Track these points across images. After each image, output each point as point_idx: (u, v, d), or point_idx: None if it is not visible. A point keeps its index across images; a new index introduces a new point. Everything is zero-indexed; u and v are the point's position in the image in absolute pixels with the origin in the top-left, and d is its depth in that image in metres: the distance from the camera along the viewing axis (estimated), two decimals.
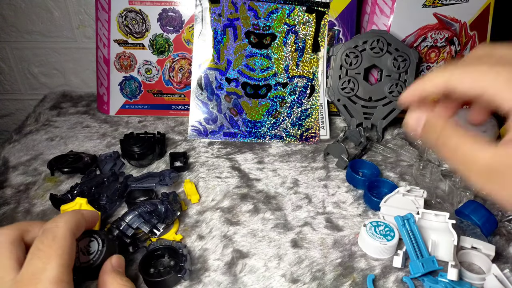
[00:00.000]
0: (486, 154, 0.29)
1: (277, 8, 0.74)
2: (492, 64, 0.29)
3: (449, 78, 0.31)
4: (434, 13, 0.75)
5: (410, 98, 0.34)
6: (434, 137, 0.32)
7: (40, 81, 0.99)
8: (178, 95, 0.82)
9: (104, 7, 0.77)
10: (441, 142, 0.32)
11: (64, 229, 0.37)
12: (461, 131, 0.31)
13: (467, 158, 0.30)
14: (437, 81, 0.32)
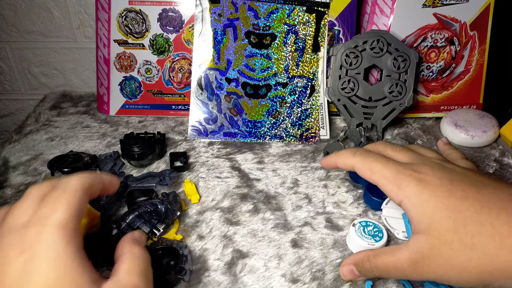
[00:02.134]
0: (405, 255, 0.35)
1: (277, 8, 0.74)
2: (382, 163, 0.39)
3: (354, 164, 0.41)
4: (434, 13, 0.75)
5: (327, 165, 0.47)
6: (370, 272, 0.40)
7: (40, 81, 0.99)
8: (178, 95, 0.82)
9: (104, 7, 0.77)
10: (376, 271, 0.39)
11: (76, 183, 0.36)
12: (380, 252, 0.39)
13: (396, 267, 0.36)
14: (346, 161, 0.42)
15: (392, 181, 0.37)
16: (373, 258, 0.39)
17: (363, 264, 0.40)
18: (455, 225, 0.32)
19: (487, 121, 0.75)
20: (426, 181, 0.36)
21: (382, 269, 0.38)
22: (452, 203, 0.33)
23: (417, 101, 0.81)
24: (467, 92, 0.81)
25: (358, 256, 0.41)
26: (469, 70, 0.80)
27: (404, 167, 0.38)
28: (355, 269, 0.42)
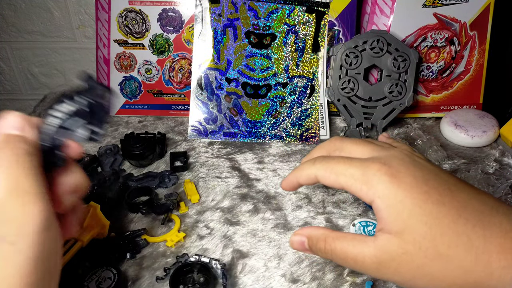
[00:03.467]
0: (370, 251, 0.32)
1: (277, 8, 0.74)
2: (345, 162, 0.35)
3: (316, 173, 0.36)
4: (434, 13, 0.75)
5: (289, 186, 0.40)
6: (323, 253, 0.35)
7: (40, 81, 0.99)
8: (178, 95, 0.82)
9: (104, 7, 0.77)
10: (330, 255, 0.35)
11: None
12: (341, 236, 0.34)
13: (357, 259, 0.33)
14: (308, 172, 0.37)
15: (361, 180, 0.33)
16: (332, 240, 0.34)
17: (317, 243, 0.35)
18: (432, 232, 0.30)
19: (487, 121, 0.75)
20: (399, 178, 0.32)
21: (339, 256, 0.34)
22: (429, 208, 0.31)
23: (417, 101, 0.81)
24: (467, 92, 0.81)
25: (315, 232, 0.36)
26: (469, 70, 0.80)
27: (371, 161, 0.34)
28: (307, 243, 0.37)
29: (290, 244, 0.38)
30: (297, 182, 0.39)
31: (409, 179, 0.32)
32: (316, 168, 0.36)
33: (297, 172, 0.38)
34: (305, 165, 0.37)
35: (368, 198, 0.33)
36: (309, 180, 0.37)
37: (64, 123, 0.32)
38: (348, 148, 0.38)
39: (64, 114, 0.32)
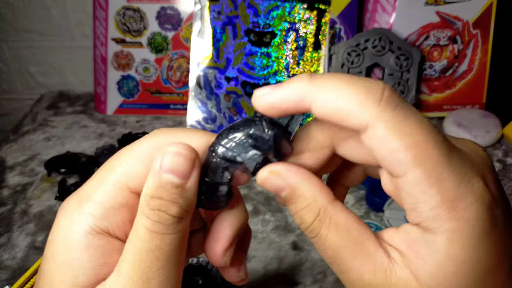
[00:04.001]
0: (367, 273, 0.21)
1: (277, 5, 0.73)
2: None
3: (311, 93, 0.21)
4: (436, 11, 0.74)
5: (266, 107, 0.22)
6: (304, 228, 0.23)
7: (37, 80, 0.99)
8: (176, 94, 0.81)
9: (102, 5, 0.77)
10: (315, 241, 0.22)
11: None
12: (345, 227, 0.22)
13: (350, 274, 0.21)
14: (300, 90, 0.21)
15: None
16: (328, 224, 0.21)
17: (304, 210, 0.22)
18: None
19: (490, 121, 0.74)
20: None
21: (327, 255, 0.22)
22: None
23: (420, 100, 0.80)
24: (470, 92, 0.80)
25: (306, 186, 0.22)
26: (472, 69, 0.79)
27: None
28: (286, 194, 0.23)
29: (259, 180, 0.24)
30: (277, 104, 0.22)
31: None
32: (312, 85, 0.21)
33: (281, 89, 0.22)
34: (293, 81, 0.22)
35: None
36: (297, 103, 0.21)
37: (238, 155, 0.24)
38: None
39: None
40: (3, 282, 0.48)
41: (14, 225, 0.56)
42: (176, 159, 0.22)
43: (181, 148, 0.22)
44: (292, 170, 0.23)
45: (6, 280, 0.49)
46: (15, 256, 0.52)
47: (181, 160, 0.22)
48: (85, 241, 0.22)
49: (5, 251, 0.53)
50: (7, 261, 0.51)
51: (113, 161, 0.24)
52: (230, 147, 0.23)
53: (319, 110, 0.21)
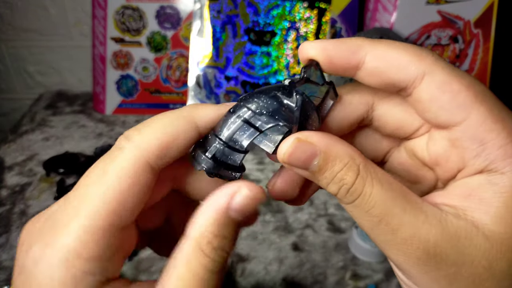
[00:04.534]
0: (422, 226, 0.19)
1: (277, 4, 0.73)
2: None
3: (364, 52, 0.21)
4: (438, 11, 0.74)
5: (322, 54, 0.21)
6: (342, 195, 0.20)
7: (36, 80, 0.98)
8: (175, 93, 0.80)
9: (100, 4, 0.76)
10: (355, 204, 0.20)
11: (130, 155, 0.20)
12: (392, 188, 0.20)
13: (408, 242, 0.19)
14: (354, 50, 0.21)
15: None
16: (371, 181, 0.20)
17: (342, 170, 0.20)
18: None
19: None
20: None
21: (372, 220, 0.19)
22: None
23: None
24: None
25: (342, 147, 0.20)
26: (473, 68, 0.79)
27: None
28: (319, 161, 0.20)
29: (284, 152, 0.20)
30: (330, 51, 0.21)
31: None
32: (368, 41, 0.21)
33: (334, 40, 0.21)
34: (349, 38, 0.22)
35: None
36: (351, 54, 0.21)
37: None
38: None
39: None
40: (2, 282, 0.48)
41: (13, 225, 0.56)
42: (249, 202, 0.20)
43: (257, 192, 0.20)
44: (319, 135, 0.20)
45: (4, 280, 0.48)
46: (13, 256, 0.51)
47: (253, 204, 0.20)
48: None
49: (4, 252, 0.52)
50: (5, 262, 0.51)
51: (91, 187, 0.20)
52: (254, 111, 0.21)
53: (374, 62, 0.20)
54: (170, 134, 0.21)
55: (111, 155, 0.21)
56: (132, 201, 0.20)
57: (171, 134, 0.21)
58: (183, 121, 0.22)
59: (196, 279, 0.19)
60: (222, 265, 0.20)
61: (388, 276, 0.49)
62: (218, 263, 0.20)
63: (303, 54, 0.22)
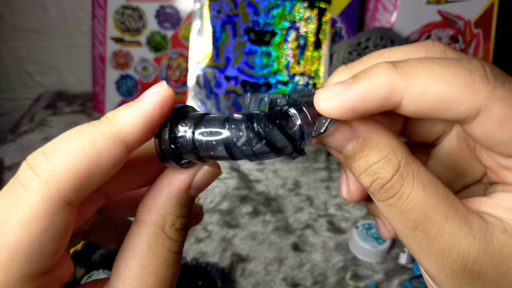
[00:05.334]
0: (464, 238, 0.17)
1: (277, 4, 0.72)
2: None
3: (399, 83, 0.17)
4: (438, 10, 0.74)
5: (341, 111, 0.18)
6: (377, 192, 0.18)
7: (35, 80, 0.98)
8: (175, 93, 0.80)
9: (100, 4, 0.76)
10: (388, 204, 0.18)
11: (38, 195, 0.16)
12: (436, 191, 0.17)
13: (445, 255, 0.17)
14: (385, 83, 0.17)
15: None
16: (410, 182, 0.17)
17: (380, 164, 0.18)
18: None
19: None
20: None
21: (408, 224, 0.17)
22: None
23: None
24: None
25: (383, 137, 0.18)
26: None
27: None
28: (355, 147, 0.18)
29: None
30: (357, 105, 0.17)
31: None
32: (400, 75, 0.17)
33: (359, 86, 0.17)
34: (375, 72, 0.17)
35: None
36: (384, 102, 0.17)
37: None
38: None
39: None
40: None
41: None
42: (210, 179, 0.20)
43: (218, 167, 0.20)
44: (362, 118, 0.18)
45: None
46: None
47: (213, 180, 0.20)
48: None
49: None
50: None
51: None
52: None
53: (414, 105, 0.17)
54: (88, 161, 0.17)
55: (14, 194, 0.17)
56: (50, 244, 0.17)
57: (89, 161, 0.17)
58: (104, 141, 0.17)
59: (163, 263, 0.19)
60: (183, 244, 0.20)
61: (389, 276, 0.49)
62: (180, 243, 0.20)
63: (323, 111, 0.18)
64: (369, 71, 0.17)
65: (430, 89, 0.16)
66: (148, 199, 0.19)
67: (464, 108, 0.16)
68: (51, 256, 0.17)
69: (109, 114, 0.18)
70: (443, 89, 0.16)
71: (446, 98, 0.16)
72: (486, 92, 0.16)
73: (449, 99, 0.16)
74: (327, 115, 0.18)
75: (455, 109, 0.16)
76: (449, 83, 0.16)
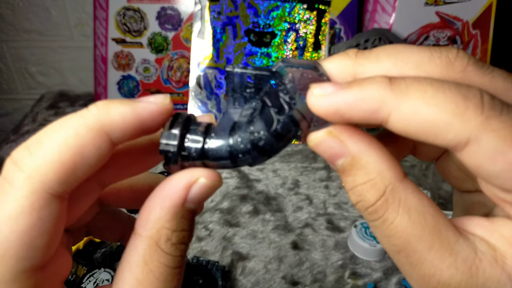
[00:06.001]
0: (446, 269, 0.17)
1: (277, 6, 0.73)
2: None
3: (391, 101, 0.17)
4: (436, 12, 0.74)
5: (331, 113, 0.17)
6: (363, 210, 0.18)
7: (37, 80, 0.98)
8: (176, 94, 0.81)
9: (102, 6, 0.76)
10: (376, 226, 0.18)
11: (23, 191, 0.16)
12: (420, 212, 0.17)
13: (422, 269, 0.17)
14: (376, 97, 0.17)
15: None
16: (396, 207, 0.17)
17: (364, 186, 0.18)
18: None
19: None
20: None
21: (392, 248, 0.18)
22: None
23: None
24: None
25: (372, 157, 0.18)
26: None
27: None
28: (344, 164, 0.18)
29: (312, 141, 0.18)
30: (343, 110, 0.17)
31: None
32: (394, 92, 0.16)
33: (351, 91, 0.17)
34: (369, 84, 0.17)
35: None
36: (370, 114, 0.17)
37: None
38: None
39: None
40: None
41: None
42: (208, 191, 0.19)
43: (215, 180, 0.19)
44: (355, 134, 0.18)
45: None
46: None
47: (212, 192, 0.19)
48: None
49: None
50: None
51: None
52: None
53: (400, 124, 0.16)
54: (72, 152, 0.17)
55: (1, 191, 0.16)
56: (41, 239, 0.16)
57: (73, 152, 0.17)
58: (89, 132, 0.17)
59: (159, 279, 0.18)
60: (183, 258, 0.19)
61: (387, 274, 0.49)
62: (179, 258, 0.19)
63: (311, 108, 0.18)
64: (365, 81, 0.17)
65: (419, 111, 0.16)
66: (144, 211, 0.19)
67: (453, 136, 0.15)
68: (43, 251, 0.17)
69: (101, 103, 0.18)
70: (433, 113, 0.16)
71: (435, 123, 0.16)
72: (478, 122, 0.15)
73: (438, 124, 0.16)
74: (315, 112, 0.18)
75: (443, 135, 0.16)
76: (440, 108, 0.15)
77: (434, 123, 0.15)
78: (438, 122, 0.15)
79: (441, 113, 0.15)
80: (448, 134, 0.15)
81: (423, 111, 0.15)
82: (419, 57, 0.18)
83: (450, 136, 0.15)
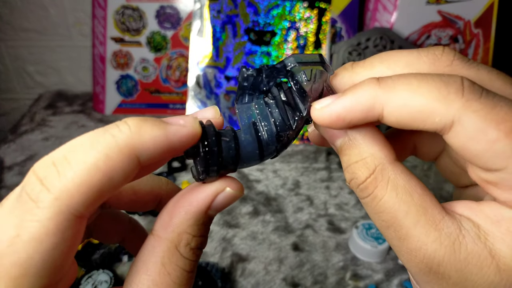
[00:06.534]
0: (431, 243, 0.18)
1: (277, 4, 0.72)
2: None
3: (382, 98, 0.18)
4: (438, 11, 0.74)
5: (330, 122, 0.19)
6: (355, 186, 0.20)
7: (35, 80, 0.98)
8: (175, 93, 0.80)
9: (100, 4, 0.76)
10: (367, 201, 0.19)
11: (50, 211, 0.16)
12: (410, 189, 0.18)
13: (412, 252, 0.18)
14: (368, 97, 0.19)
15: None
16: (385, 184, 0.19)
17: (357, 164, 0.19)
18: None
19: None
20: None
21: (383, 222, 0.19)
22: None
23: None
24: None
25: (369, 143, 0.20)
26: None
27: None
28: (341, 144, 0.20)
29: (316, 118, 0.20)
30: (343, 115, 0.19)
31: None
32: (383, 89, 0.18)
33: (346, 98, 0.19)
34: (360, 87, 0.19)
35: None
36: (366, 113, 0.18)
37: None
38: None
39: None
40: None
41: None
42: (231, 201, 0.20)
43: (239, 190, 0.20)
44: (346, 114, 0.19)
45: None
46: None
47: (233, 201, 0.20)
48: None
49: None
50: None
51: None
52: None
53: (393, 116, 0.18)
54: (102, 175, 0.16)
55: (24, 209, 0.16)
56: (61, 258, 0.17)
57: (102, 175, 0.16)
58: (120, 155, 0.17)
59: (175, 282, 0.19)
60: (196, 263, 0.20)
61: (388, 276, 0.49)
62: (194, 262, 0.19)
63: (316, 120, 0.20)
64: (356, 85, 0.19)
65: (408, 101, 0.18)
66: (166, 214, 0.19)
67: (439, 119, 0.17)
68: (61, 268, 0.17)
69: (132, 122, 0.18)
70: (420, 101, 0.17)
71: (422, 110, 0.17)
72: (460, 104, 0.17)
73: (425, 110, 0.17)
74: (320, 123, 0.20)
75: (431, 120, 0.17)
76: (425, 95, 0.17)
77: (422, 109, 0.17)
78: (425, 109, 0.17)
79: (426, 99, 0.17)
80: (435, 118, 0.17)
81: (410, 101, 0.18)
82: (408, 58, 0.20)
83: (437, 120, 0.17)
